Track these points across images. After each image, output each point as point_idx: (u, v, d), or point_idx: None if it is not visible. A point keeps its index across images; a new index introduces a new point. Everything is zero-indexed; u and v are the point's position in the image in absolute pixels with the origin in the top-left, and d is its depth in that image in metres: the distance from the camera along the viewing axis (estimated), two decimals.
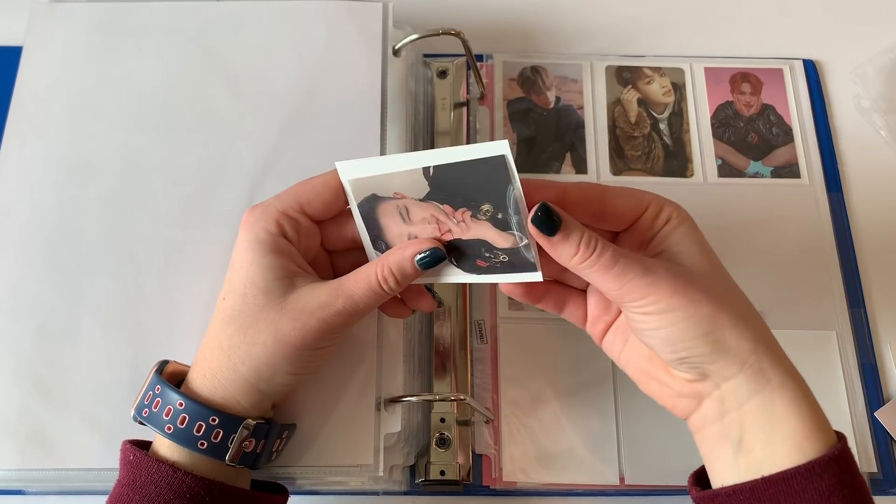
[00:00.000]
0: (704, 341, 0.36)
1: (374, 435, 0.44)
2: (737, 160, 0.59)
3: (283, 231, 0.40)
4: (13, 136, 0.52)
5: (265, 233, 0.39)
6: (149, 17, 0.55)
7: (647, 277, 0.36)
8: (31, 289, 0.48)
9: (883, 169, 0.59)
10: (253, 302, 0.38)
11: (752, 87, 0.61)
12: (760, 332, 0.37)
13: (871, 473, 0.49)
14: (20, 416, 0.45)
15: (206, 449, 0.38)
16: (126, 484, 0.38)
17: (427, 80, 0.59)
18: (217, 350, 0.39)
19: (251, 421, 0.39)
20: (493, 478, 0.49)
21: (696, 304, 0.36)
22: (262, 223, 0.39)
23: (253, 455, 0.40)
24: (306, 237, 0.41)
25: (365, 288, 0.39)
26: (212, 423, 0.38)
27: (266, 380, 0.39)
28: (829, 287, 0.54)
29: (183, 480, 0.37)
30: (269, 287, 0.38)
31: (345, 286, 0.39)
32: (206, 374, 0.39)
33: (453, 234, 0.39)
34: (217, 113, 0.52)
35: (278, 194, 0.41)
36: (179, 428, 0.38)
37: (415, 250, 0.38)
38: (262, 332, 0.38)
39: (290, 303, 0.38)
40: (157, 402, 0.39)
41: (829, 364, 0.52)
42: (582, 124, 0.60)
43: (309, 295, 0.38)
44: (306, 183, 0.41)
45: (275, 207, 0.40)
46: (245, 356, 0.38)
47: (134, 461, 0.38)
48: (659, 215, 0.39)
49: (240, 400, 0.39)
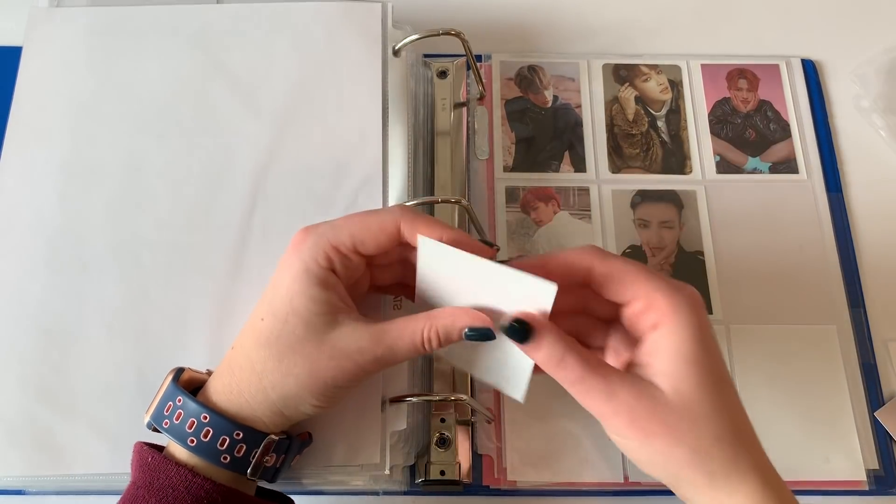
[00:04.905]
0: (665, 475, 0.36)
1: (380, 433, 0.44)
2: (735, 156, 0.59)
3: (332, 265, 0.39)
4: (14, 142, 0.51)
5: (315, 264, 0.38)
6: (148, 20, 0.55)
7: (609, 404, 0.35)
8: (35, 294, 0.47)
9: (883, 169, 0.59)
10: (292, 331, 0.38)
11: (749, 83, 0.62)
12: (729, 460, 0.35)
13: (874, 470, 0.49)
14: (26, 422, 0.45)
15: (228, 463, 0.38)
16: (142, 486, 0.38)
17: (427, 80, 0.59)
18: (248, 370, 0.38)
19: (274, 437, 0.39)
20: (496, 477, 0.49)
21: (650, 439, 0.35)
22: (313, 253, 0.38)
23: (272, 469, 0.40)
24: (354, 271, 0.40)
25: (408, 344, 0.38)
26: (236, 438, 0.38)
27: (292, 408, 0.38)
28: (830, 283, 0.54)
29: (202, 486, 0.37)
30: (312, 321, 0.38)
31: (388, 336, 0.38)
32: (232, 390, 0.39)
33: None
34: (218, 115, 0.52)
35: (332, 223, 0.40)
36: (203, 441, 0.38)
37: (468, 322, 0.37)
38: (298, 364, 0.37)
39: (330, 341, 0.38)
40: (179, 413, 0.38)
41: (831, 360, 0.52)
42: (580, 123, 0.60)
43: (350, 337, 0.38)
44: (362, 221, 0.40)
45: (328, 241, 0.39)
46: (277, 383, 0.38)
47: (153, 464, 0.38)
48: (646, 314, 0.37)
49: (264, 420, 0.39)
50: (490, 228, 0.56)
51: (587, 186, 0.57)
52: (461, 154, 0.58)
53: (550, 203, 0.57)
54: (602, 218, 0.56)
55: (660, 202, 0.57)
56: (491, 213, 0.56)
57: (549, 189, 0.57)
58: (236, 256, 0.48)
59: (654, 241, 0.56)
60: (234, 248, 0.49)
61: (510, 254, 0.55)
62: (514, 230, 0.56)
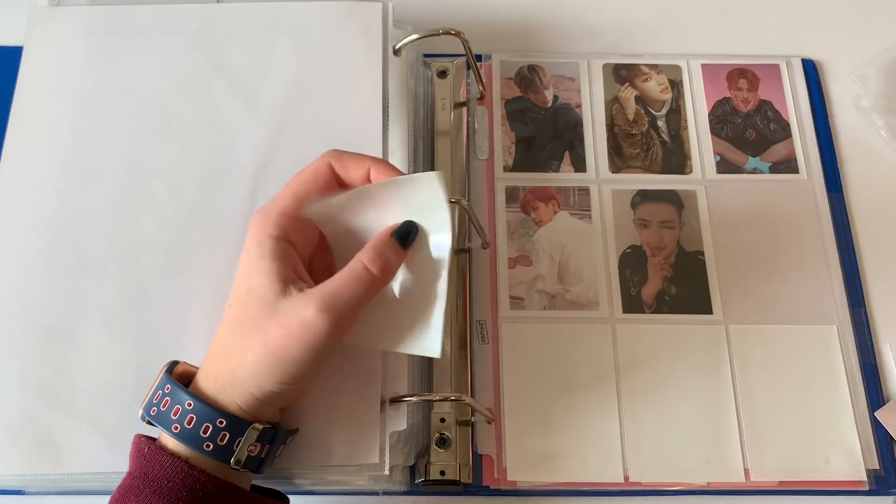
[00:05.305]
0: None
1: (379, 434, 0.44)
2: (735, 156, 0.59)
3: (285, 233, 0.39)
4: (14, 141, 0.51)
5: (266, 237, 0.39)
6: (149, 19, 0.55)
7: None
8: (35, 293, 0.47)
9: (883, 169, 0.59)
10: (249, 309, 0.38)
11: (749, 83, 0.62)
12: None
13: (874, 471, 0.49)
14: (26, 421, 0.45)
15: (211, 451, 0.38)
16: (137, 476, 0.38)
17: (427, 80, 0.59)
18: (220, 355, 0.39)
19: (259, 425, 0.39)
20: (496, 477, 0.49)
21: None
22: (263, 227, 0.39)
23: (257, 459, 0.40)
24: (310, 234, 0.41)
25: (352, 280, 0.38)
26: (219, 426, 0.38)
27: (258, 387, 0.38)
28: (830, 283, 0.54)
29: (197, 478, 0.37)
30: (264, 293, 0.38)
31: (331, 285, 0.38)
32: (209, 377, 0.39)
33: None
34: (218, 114, 0.52)
35: (275, 195, 0.41)
36: (186, 428, 0.38)
37: (390, 228, 0.40)
38: (254, 339, 0.38)
39: (280, 309, 0.38)
40: (167, 401, 0.39)
41: (831, 360, 0.52)
42: (580, 123, 0.60)
43: (297, 301, 0.38)
44: (298, 177, 0.41)
45: (273, 210, 0.40)
46: (240, 362, 0.38)
47: (149, 454, 0.38)
48: None
49: (240, 404, 0.39)
50: (490, 228, 0.56)
51: (587, 186, 0.57)
52: (461, 154, 0.58)
53: (550, 203, 0.57)
54: (602, 218, 0.56)
55: (660, 202, 0.57)
56: (491, 213, 0.56)
57: (550, 189, 0.57)
58: (236, 255, 0.48)
59: (655, 240, 0.56)
60: (234, 247, 0.48)
61: (510, 254, 0.55)
62: (514, 230, 0.56)
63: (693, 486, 0.49)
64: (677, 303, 0.54)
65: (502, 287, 0.54)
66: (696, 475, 0.49)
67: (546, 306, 0.54)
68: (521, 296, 0.54)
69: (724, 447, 0.50)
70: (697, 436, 0.50)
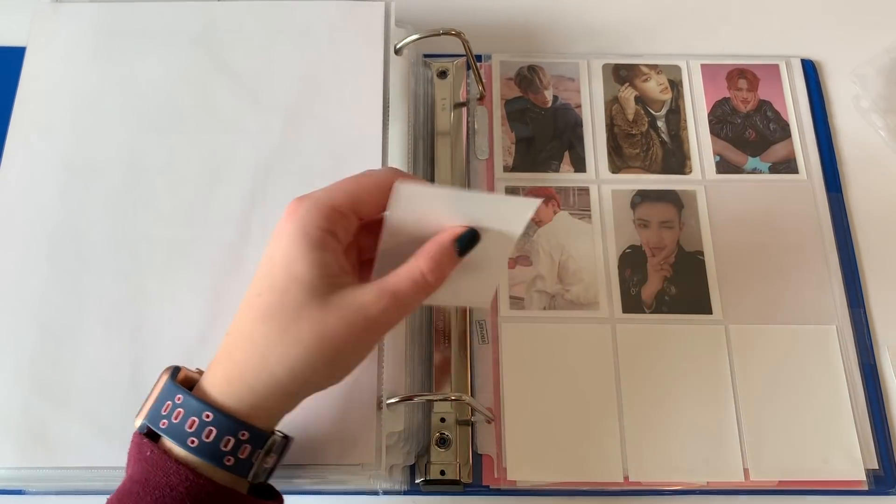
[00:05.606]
0: None
1: (375, 433, 0.44)
2: (735, 156, 0.59)
3: (332, 228, 0.37)
4: (17, 137, 0.52)
5: (315, 228, 0.37)
6: (151, 17, 0.55)
7: None
8: (34, 288, 0.48)
9: (883, 169, 0.59)
10: (295, 299, 0.36)
11: (749, 83, 0.62)
12: None
13: (873, 470, 0.49)
14: (22, 415, 0.45)
15: (231, 465, 0.36)
16: (138, 481, 0.36)
17: (427, 80, 0.59)
18: (250, 352, 0.36)
19: (278, 436, 0.38)
20: (496, 477, 0.49)
21: None
22: (313, 217, 0.37)
23: (269, 471, 0.39)
24: (350, 237, 0.39)
25: (409, 283, 0.37)
26: (241, 438, 0.36)
27: (302, 381, 0.37)
28: (829, 284, 0.54)
29: (203, 487, 0.35)
30: (315, 284, 0.36)
31: (389, 284, 0.37)
32: (232, 378, 0.36)
33: None
34: (219, 112, 0.52)
35: (327, 187, 0.38)
36: (205, 442, 0.36)
37: (452, 234, 0.38)
38: (304, 329, 0.36)
39: (336, 300, 0.36)
40: (179, 412, 0.36)
41: (831, 360, 0.52)
42: (580, 123, 0.60)
43: (355, 293, 0.36)
44: (356, 180, 0.39)
45: (326, 203, 0.37)
46: (283, 356, 0.36)
47: (151, 458, 0.36)
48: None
49: (269, 407, 0.37)
50: None
51: (587, 186, 0.57)
52: (461, 154, 0.58)
53: (550, 203, 0.57)
54: (602, 218, 0.56)
55: (660, 202, 0.57)
56: None
57: (549, 189, 0.57)
58: (235, 253, 0.48)
59: (654, 241, 0.56)
60: (233, 244, 0.49)
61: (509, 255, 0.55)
62: None
63: (693, 485, 0.49)
64: (677, 303, 0.54)
65: (502, 287, 0.54)
66: (696, 475, 0.49)
67: (546, 306, 0.54)
68: (521, 296, 0.54)
69: (724, 447, 0.50)
70: (697, 435, 0.50)
